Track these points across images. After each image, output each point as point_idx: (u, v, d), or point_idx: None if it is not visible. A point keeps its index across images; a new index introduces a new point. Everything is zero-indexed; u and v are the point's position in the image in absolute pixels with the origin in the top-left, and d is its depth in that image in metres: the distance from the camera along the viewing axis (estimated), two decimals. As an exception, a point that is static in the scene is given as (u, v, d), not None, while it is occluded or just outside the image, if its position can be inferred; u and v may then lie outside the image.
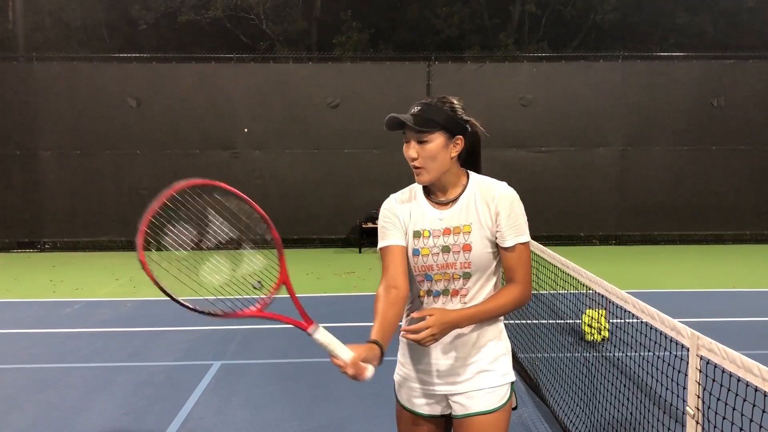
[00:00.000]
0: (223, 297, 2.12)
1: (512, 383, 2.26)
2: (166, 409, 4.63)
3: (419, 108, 2.15)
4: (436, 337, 2.01)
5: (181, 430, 4.29)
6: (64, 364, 5.69)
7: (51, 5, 19.06)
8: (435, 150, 2.13)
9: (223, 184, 2.09)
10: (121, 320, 7.22)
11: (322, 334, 2.00)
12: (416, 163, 2.15)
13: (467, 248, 2.15)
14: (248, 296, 2.14)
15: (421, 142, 2.14)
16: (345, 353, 1.96)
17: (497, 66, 13.00)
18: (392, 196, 2.33)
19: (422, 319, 2.03)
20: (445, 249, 2.17)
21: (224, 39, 18.94)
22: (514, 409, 2.30)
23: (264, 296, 2.10)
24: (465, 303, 2.19)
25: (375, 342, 1.98)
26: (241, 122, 12.24)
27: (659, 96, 12.35)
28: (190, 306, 2.01)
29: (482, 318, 2.14)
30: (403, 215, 2.26)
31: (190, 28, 19.10)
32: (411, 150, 2.15)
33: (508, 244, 2.15)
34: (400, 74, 12.40)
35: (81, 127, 12.08)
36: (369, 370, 1.97)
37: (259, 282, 2.17)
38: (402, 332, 2.05)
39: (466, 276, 2.17)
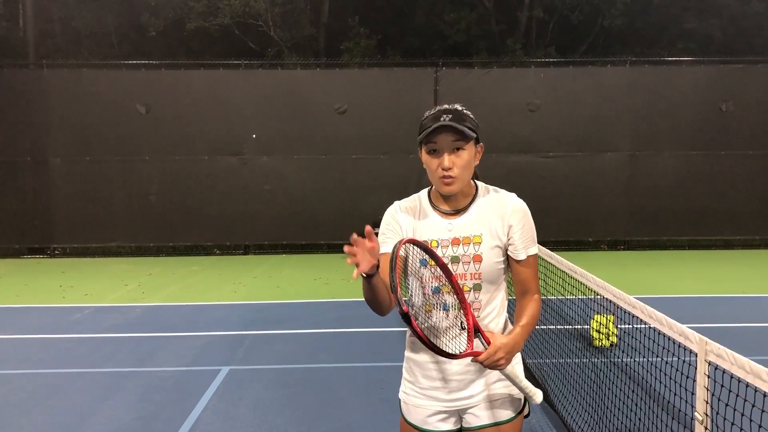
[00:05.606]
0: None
1: None
2: (175, 414, 4.65)
3: (451, 115, 2.01)
4: (502, 364, 1.97)
5: (190, 435, 4.31)
6: (74, 370, 5.73)
7: (61, 13, 19.26)
8: (469, 158, 2.05)
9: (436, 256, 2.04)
10: (130, 326, 7.25)
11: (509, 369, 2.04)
12: (452, 173, 2.02)
13: (477, 259, 2.07)
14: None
15: (457, 150, 2.02)
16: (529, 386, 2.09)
17: (505, 71, 12.98)
18: (397, 203, 2.25)
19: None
20: (455, 259, 2.08)
21: (232, 46, 19.05)
22: (527, 416, 2.29)
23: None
24: (479, 317, 2.10)
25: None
26: (250, 128, 12.27)
27: (667, 101, 12.28)
28: (449, 352, 1.95)
29: (528, 335, 2.17)
30: (405, 224, 2.18)
31: (199, 35, 19.25)
32: (446, 159, 2.01)
33: (521, 257, 2.12)
34: (408, 80, 12.40)
35: (90, 133, 12.14)
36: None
37: (461, 323, 2.08)
38: (472, 359, 1.96)
39: (477, 288, 2.09)
